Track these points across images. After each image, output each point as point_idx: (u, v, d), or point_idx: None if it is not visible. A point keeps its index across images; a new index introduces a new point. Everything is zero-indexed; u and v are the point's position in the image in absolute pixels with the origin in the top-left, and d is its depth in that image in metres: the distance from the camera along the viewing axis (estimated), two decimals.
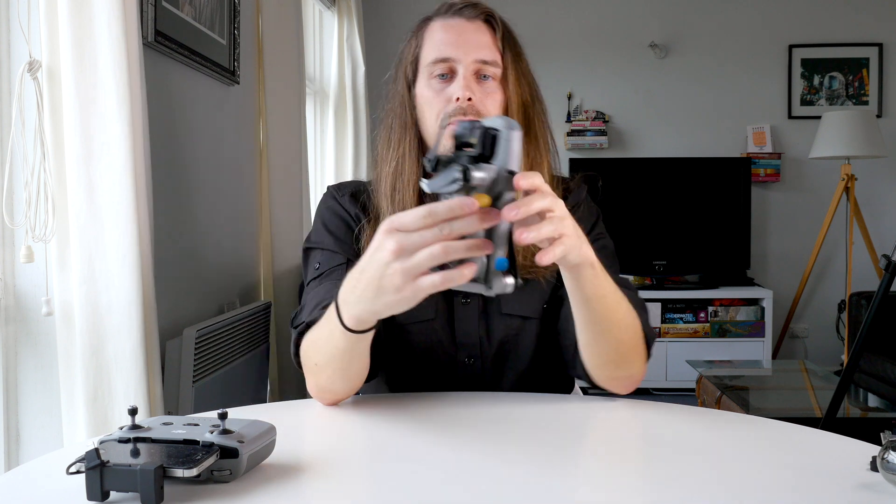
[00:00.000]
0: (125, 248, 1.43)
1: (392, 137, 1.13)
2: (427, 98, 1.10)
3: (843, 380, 2.16)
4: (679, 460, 0.82)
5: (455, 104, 1.07)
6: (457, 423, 0.95)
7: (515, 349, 1.15)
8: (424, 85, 1.11)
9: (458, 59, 1.08)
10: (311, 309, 1.06)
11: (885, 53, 4.39)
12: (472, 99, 1.07)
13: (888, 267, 2.11)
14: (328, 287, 1.09)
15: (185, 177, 2.04)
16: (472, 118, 0.82)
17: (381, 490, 0.74)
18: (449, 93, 1.08)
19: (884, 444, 0.71)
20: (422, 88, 1.11)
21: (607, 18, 4.42)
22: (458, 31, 1.10)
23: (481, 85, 1.09)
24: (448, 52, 1.08)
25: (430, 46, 1.11)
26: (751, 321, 4.07)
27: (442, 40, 1.10)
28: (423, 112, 1.11)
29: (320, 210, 1.21)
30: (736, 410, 2.52)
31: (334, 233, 1.16)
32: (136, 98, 1.48)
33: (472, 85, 1.08)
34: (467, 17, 1.11)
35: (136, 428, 0.73)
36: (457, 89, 1.07)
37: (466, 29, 1.10)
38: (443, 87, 1.09)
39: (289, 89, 2.73)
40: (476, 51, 1.09)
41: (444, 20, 1.12)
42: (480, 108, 1.07)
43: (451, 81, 1.09)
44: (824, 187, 4.38)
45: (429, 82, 1.10)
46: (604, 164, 4.30)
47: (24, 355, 1.51)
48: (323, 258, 1.15)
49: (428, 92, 1.10)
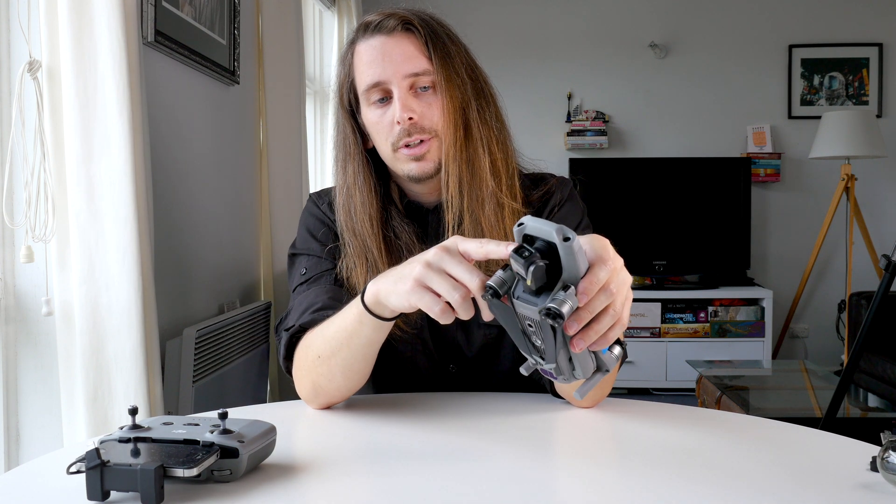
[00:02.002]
0: (125, 248, 1.43)
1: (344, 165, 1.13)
2: (374, 124, 1.09)
3: (843, 380, 2.16)
4: (679, 460, 0.81)
5: (398, 127, 1.06)
6: (457, 422, 0.95)
7: (496, 354, 1.15)
8: (368, 112, 1.09)
9: (388, 80, 1.06)
10: (301, 313, 1.06)
11: (885, 53, 4.39)
12: (413, 118, 1.05)
13: (888, 267, 2.11)
14: (316, 292, 1.09)
15: (185, 177, 2.04)
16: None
17: (381, 490, 0.74)
18: (390, 117, 1.07)
19: (884, 444, 0.71)
20: (366, 115, 1.10)
21: (607, 18, 4.42)
22: (381, 51, 1.06)
23: (420, 97, 1.07)
24: (376, 75, 1.06)
25: (360, 73, 1.09)
26: (751, 321, 4.07)
27: (368, 63, 1.07)
28: (375, 138, 1.10)
29: (304, 217, 1.21)
30: (736, 410, 2.52)
31: (320, 239, 1.16)
32: (136, 98, 1.48)
33: (410, 102, 1.06)
34: (387, 31, 1.07)
35: (136, 428, 0.73)
36: (396, 112, 1.05)
37: (388, 46, 1.06)
38: (383, 110, 1.08)
39: (289, 89, 2.73)
40: (403, 65, 1.06)
41: (365, 41, 1.08)
42: (424, 122, 1.06)
43: (389, 103, 1.07)
44: (824, 187, 4.38)
45: (370, 108, 1.09)
46: (604, 164, 4.30)
47: (24, 355, 1.51)
48: (309, 264, 1.15)
49: (372, 118, 1.09)
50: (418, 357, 1.14)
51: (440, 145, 1.08)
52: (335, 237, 1.15)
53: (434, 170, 1.08)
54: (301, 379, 1.02)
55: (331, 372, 0.97)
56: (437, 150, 1.08)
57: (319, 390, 1.00)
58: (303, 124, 2.89)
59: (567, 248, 0.69)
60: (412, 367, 1.15)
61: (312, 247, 1.16)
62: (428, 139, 1.07)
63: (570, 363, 0.74)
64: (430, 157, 1.07)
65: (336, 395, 1.01)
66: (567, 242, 0.69)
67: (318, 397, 1.01)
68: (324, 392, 1.00)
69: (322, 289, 1.10)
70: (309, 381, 1.00)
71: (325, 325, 0.98)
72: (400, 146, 1.07)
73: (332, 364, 0.96)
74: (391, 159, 1.09)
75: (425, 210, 1.15)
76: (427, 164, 1.07)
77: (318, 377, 0.99)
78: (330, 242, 1.15)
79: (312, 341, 1.00)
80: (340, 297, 1.07)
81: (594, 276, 0.71)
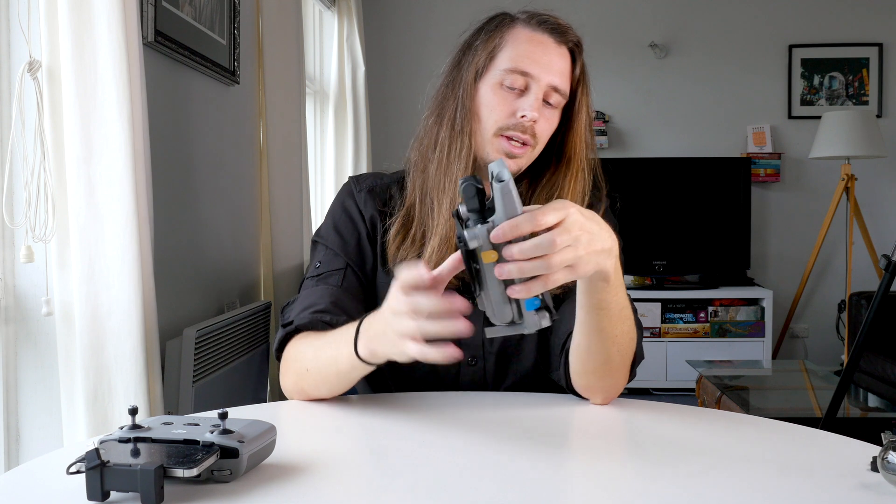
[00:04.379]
0: (125, 248, 1.43)
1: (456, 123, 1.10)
2: (490, 103, 1.09)
3: (843, 380, 2.16)
4: (679, 460, 0.81)
5: (518, 119, 1.07)
6: (458, 423, 0.95)
7: (518, 352, 1.15)
8: (490, 88, 1.09)
9: (536, 77, 1.07)
10: (301, 310, 1.08)
11: (885, 53, 4.39)
12: (536, 121, 1.08)
13: (888, 267, 2.11)
14: (322, 291, 1.10)
15: (185, 177, 2.04)
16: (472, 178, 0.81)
17: (381, 490, 0.74)
18: (517, 106, 1.08)
19: (884, 445, 0.71)
20: (486, 90, 1.10)
21: (607, 18, 4.42)
22: (544, 50, 1.08)
23: (543, 108, 1.10)
24: (530, 67, 1.07)
25: (513, 52, 1.08)
26: (751, 321, 4.07)
27: (527, 53, 1.08)
28: (482, 111, 1.10)
29: (335, 205, 1.21)
30: (736, 410, 2.52)
31: (341, 233, 1.16)
32: (136, 98, 1.47)
33: (540, 107, 1.08)
34: (557, 39, 1.09)
35: (136, 428, 0.73)
36: (528, 107, 1.07)
37: (552, 51, 1.09)
38: (511, 98, 1.08)
39: (289, 89, 2.73)
40: (555, 75, 1.08)
41: (532, 31, 1.09)
42: (538, 129, 1.09)
43: (520, 95, 1.08)
44: (824, 187, 4.38)
45: (496, 87, 1.09)
46: (604, 164, 4.29)
47: (24, 355, 1.51)
48: (325, 257, 1.16)
49: (493, 97, 1.09)
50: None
51: (531, 155, 1.11)
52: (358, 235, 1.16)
53: (516, 173, 1.11)
54: (288, 375, 1.05)
55: (317, 385, 1.02)
56: (527, 158, 1.11)
57: (303, 393, 1.04)
58: (303, 124, 2.89)
59: (499, 187, 0.74)
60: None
61: (332, 239, 1.17)
62: (529, 145, 1.09)
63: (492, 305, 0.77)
64: (522, 160, 1.11)
65: (319, 398, 1.04)
66: (500, 183, 0.74)
67: (300, 396, 1.05)
68: (306, 395, 1.04)
69: (328, 290, 1.11)
70: (294, 382, 1.04)
71: (318, 348, 1.00)
72: (505, 134, 1.08)
73: (318, 380, 1.01)
74: (486, 140, 1.10)
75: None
76: (514, 164, 1.10)
77: (304, 384, 1.03)
78: (350, 238, 1.16)
79: (304, 353, 1.02)
80: (344, 303, 1.09)
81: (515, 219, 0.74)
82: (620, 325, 0.96)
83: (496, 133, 1.08)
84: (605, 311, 0.92)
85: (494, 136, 1.08)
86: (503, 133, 1.08)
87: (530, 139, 1.09)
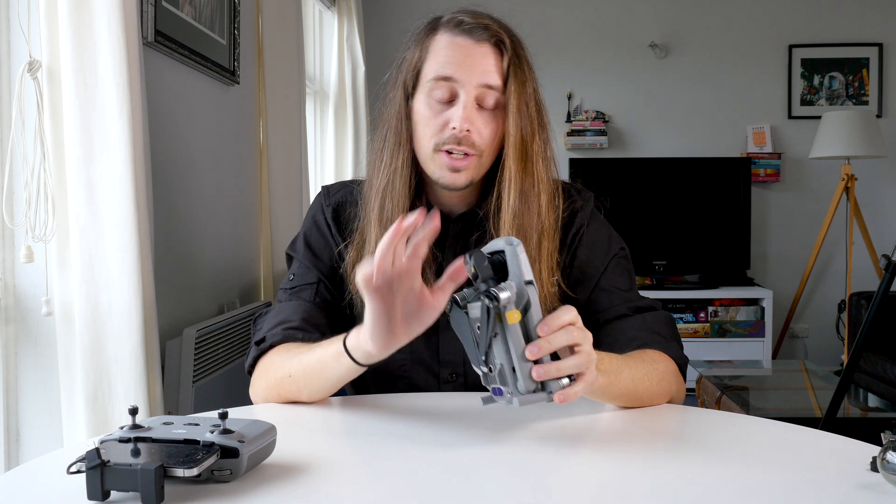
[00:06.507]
0: (125, 248, 1.43)
1: (385, 150, 1.10)
2: (424, 117, 1.06)
3: (843, 380, 2.16)
4: (679, 460, 0.81)
5: (451, 132, 1.04)
6: (457, 422, 0.95)
7: None
8: (423, 101, 1.07)
9: (461, 82, 1.04)
10: (273, 325, 1.08)
11: (885, 53, 4.39)
12: (469, 130, 1.04)
13: (888, 267, 2.11)
14: (295, 307, 1.11)
15: (185, 177, 2.04)
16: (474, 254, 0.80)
17: (381, 490, 0.74)
18: (447, 117, 1.04)
19: (884, 445, 0.71)
20: (420, 104, 1.07)
21: (607, 18, 4.42)
22: (464, 52, 1.04)
23: (480, 113, 1.05)
24: (452, 71, 1.04)
25: (434, 62, 1.06)
26: (751, 321, 4.07)
27: (447, 59, 1.05)
28: (418, 128, 1.07)
29: (307, 219, 1.20)
30: (736, 410, 2.52)
31: (313, 248, 1.16)
32: (136, 98, 1.47)
33: (472, 114, 1.04)
34: (476, 38, 1.05)
35: (136, 427, 0.73)
36: (456, 117, 1.03)
37: (473, 51, 1.05)
38: (441, 108, 1.05)
39: (289, 89, 2.73)
40: (480, 75, 1.04)
41: (451, 36, 1.06)
42: (475, 138, 1.05)
43: (450, 104, 1.05)
44: (824, 187, 4.37)
45: (428, 100, 1.06)
46: (604, 164, 4.30)
47: (24, 355, 1.51)
48: (298, 271, 1.16)
49: (426, 111, 1.06)
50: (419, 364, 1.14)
51: (478, 164, 1.07)
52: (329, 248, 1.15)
53: (465, 185, 1.08)
54: (262, 385, 1.05)
55: (298, 392, 1.01)
56: (474, 169, 1.07)
57: (283, 398, 1.03)
58: (303, 124, 2.89)
59: (511, 250, 0.77)
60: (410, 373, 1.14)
61: (304, 254, 1.17)
62: (472, 155, 1.06)
63: (514, 374, 0.78)
64: (467, 173, 1.06)
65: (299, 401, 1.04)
66: (511, 246, 0.78)
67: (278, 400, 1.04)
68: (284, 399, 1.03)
69: (300, 306, 1.11)
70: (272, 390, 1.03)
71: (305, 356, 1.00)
72: (443, 149, 1.05)
73: (302, 385, 1.00)
74: (427, 157, 1.07)
75: (447, 217, 1.13)
76: (461, 177, 1.06)
77: (284, 391, 1.02)
78: (321, 253, 1.15)
79: (286, 361, 1.02)
80: (316, 319, 1.10)
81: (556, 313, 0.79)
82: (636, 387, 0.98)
83: (434, 149, 1.05)
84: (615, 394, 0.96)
85: (434, 151, 1.06)
86: (441, 148, 1.05)
87: (470, 149, 1.05)
